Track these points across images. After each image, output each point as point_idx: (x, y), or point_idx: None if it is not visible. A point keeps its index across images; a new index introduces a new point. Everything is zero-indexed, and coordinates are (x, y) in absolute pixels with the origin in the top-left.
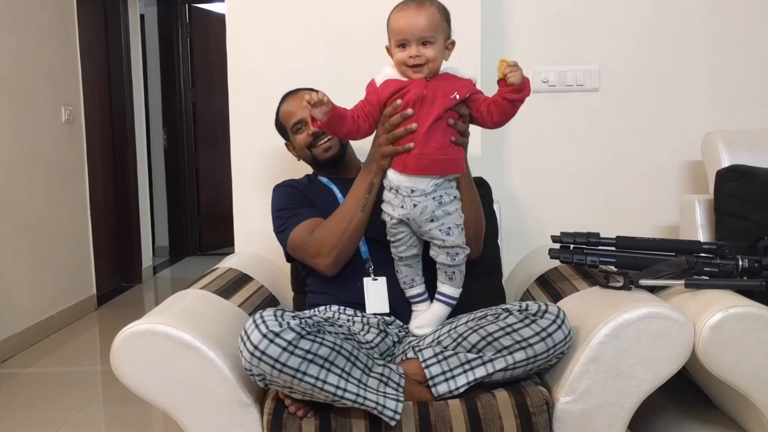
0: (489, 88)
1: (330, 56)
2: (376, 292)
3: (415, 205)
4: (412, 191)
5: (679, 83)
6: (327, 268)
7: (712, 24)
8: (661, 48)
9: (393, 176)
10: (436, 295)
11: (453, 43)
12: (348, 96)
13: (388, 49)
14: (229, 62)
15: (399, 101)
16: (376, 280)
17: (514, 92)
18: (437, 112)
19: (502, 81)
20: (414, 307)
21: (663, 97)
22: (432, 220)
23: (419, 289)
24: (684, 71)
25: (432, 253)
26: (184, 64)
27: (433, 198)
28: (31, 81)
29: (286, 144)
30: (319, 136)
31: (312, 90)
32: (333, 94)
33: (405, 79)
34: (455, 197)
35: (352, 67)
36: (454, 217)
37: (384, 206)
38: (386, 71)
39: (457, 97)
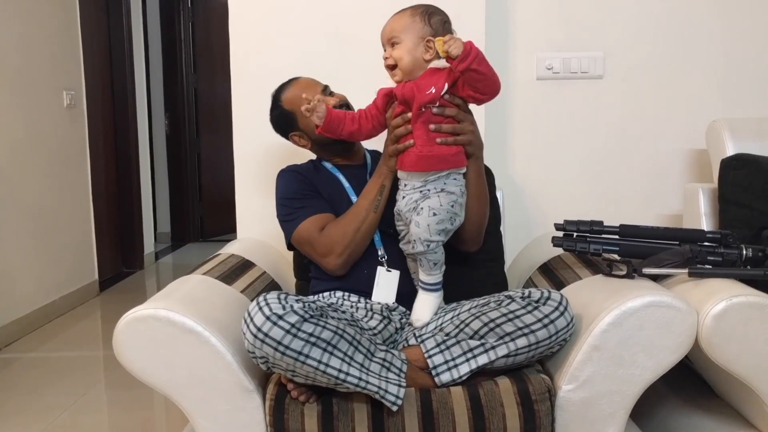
0: None
1: (334, 41)
2: (386, 284)
3: (403, 197)
4: (405, 185)
5: (685, 71)
6: (337, 268)
7: (718, 11)
8: (666, 35)
9: (398, 174)
10: (419, 283)
11: (432, 41)
12: (352, 80)
13: None
14: (232, 47)
15: (395, 102)
16: (390, 271)
17: (461, 62)
18: (415, 111)
19: (448, 58)
20: None
21: (668, 84)
22: (414, 209)
23: None
24: (689, 59)
25: None
26: (186, 49)
27: (420, 191)
28: (32, 65)
29: (291, 136)
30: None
31: (307, 77)
32: (337, 78)
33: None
34: (443, 190)
35: (356, 52)
36: (431, 201)
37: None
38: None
39: (433, 91)
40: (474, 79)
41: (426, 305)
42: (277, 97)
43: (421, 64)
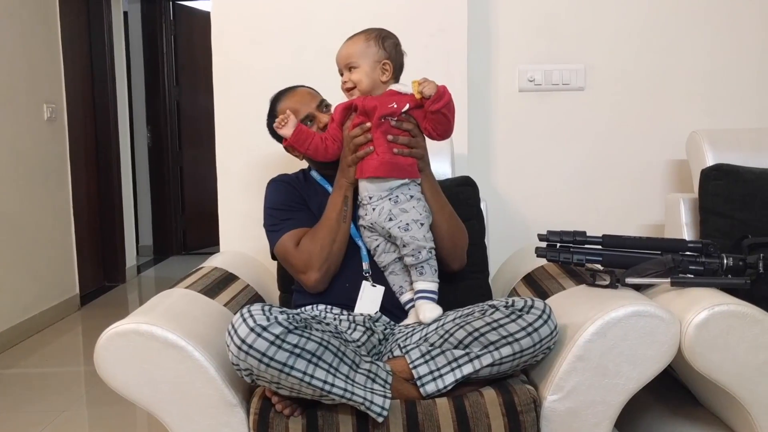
0: (478, 87)
1: (316, 52)
2: (370, 298)
3: (374, 209)
4: (371, 198)
5: (665, 83)
6: (316, 283)
7: (697, 24)
8: (646, 48)
9: (359, 187)
10: (416, 295)
11: (389, 64)
12: (335, 93)
13: None
14: (214, 60)
15: (353, 114)
16: (374, 286)
17: (434, 102)
18: (376, 121)
19: (422, 99)
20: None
21: (648, 96)
22: (390, 219)
23: (410, 295)
24: (669, 71)
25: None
26: (168, 62)
27: (389, 199)
28: (12, 78)
29: (285, 146)
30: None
31: (306, 87)
32: (321, 91)
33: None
34: (412, 197)
35: None
36: (411, 214)
37: (360, 220)
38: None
39: (395, 106)
40: (439, 120)
41: (433, 307)
42: (273, 104)
43: (379, 85)
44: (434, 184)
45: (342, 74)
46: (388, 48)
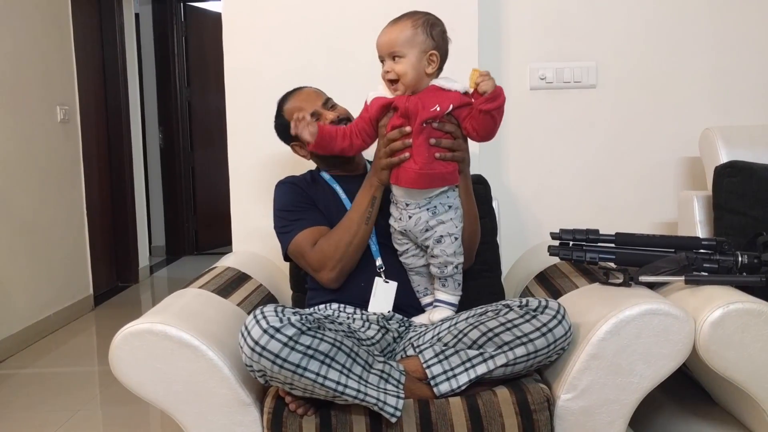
0: None
1: (327, 54)
2: (383, 294)
3: (410, 217)
4: (407, 204)
5: (677, 79)
6: (330, 282)
7: (709, 20)
8: (658, 44)
9: (393, 189)
10: (435, 302)
11: (436, 55)
12: (346, 93)
13: None
14: (226, 61)
15: (391, 112)
16: (387, 282)
17: (487, 102)
18: (417, 126)
19: (475, 92)
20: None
21: (660, 93)
22: (426, 230)
23: (430, 299)
24: (681, 67)
25: (429, 262)
26: (180, 63)
27: (427, 209)
28: (25, 80)
29: (292, 146)
30: (336, 124)
31: (311, 87)
32: (331, 92)
33: (391, 95)
34: (450, 207)
35: (350, 65)
36: (447, 226)
37: (390, 219)
38: (379, 88)
39: (438, 109)
40: (485, 122)
41: (443, 313)
42: (280, 105)
43: (423, 77)
44: (469, 185)
45: (383, 61)
46: (437, 37)
